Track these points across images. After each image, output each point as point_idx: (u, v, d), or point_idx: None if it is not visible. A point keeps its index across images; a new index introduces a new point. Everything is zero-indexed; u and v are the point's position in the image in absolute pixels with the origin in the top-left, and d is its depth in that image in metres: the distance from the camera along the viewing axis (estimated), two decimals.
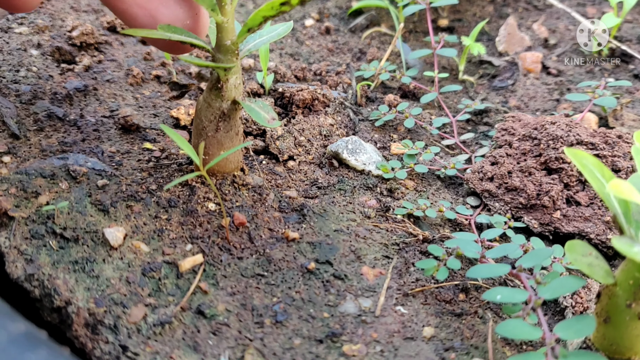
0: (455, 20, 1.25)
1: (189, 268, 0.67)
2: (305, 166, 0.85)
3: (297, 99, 0.94)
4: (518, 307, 0.61)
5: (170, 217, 0.72)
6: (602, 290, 0.61)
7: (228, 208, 0.74)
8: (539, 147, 0.83)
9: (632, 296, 0.58)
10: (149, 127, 0.88)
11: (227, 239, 0.71)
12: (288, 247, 0.71)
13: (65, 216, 0.70)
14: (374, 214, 0.79)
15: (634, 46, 1.21)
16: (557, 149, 0.82)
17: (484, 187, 0.83)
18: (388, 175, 0.84)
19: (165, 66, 1.02)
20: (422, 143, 0.90)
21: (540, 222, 0.80)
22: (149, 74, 0.99)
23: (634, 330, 0.59)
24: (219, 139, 0.72)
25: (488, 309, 0.68)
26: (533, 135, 0.85)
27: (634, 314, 0.58)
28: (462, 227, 0.80)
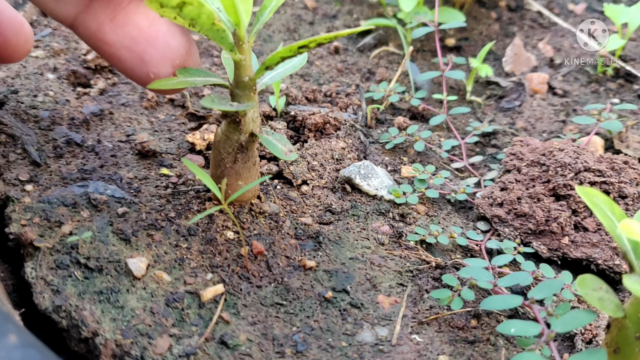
0: (462, 39, 1.27)
1: (211, 298, 0.69)
2: (318, 191, 0.87)
3: (309, 122, 0.96)
4: (531, 339, 0.63)
5: (191, 245, 0.74)
6: (611, 322, 0.63)
7: (246, 236, 0.76)
8: (547, 173, 0.85)
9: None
10: (165, 151, 0.90)
11: (246, 268, 0.73)
12: (305, 275, 0.73)
13: (88, 245, 0.72)
14: (387, 240, 0.81)
15: (639, 65, 1.23)
16: (565, 175, 0.84)
17: (493, 212, 0.85)
18: (400, 200, 0.86)
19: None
20: (432, 167, 0.92)
21: (549, 247, 0.82)
22: (163, 97, 1.01)
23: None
24: (237, 169, 0.74)
25: (500, 335, 0.70)
26: (541, 161, 0.87)
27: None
28: (473, 252, 0.82)
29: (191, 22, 0.61)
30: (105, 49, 0.66)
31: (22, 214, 0.74)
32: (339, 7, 1.34)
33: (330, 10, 1.33)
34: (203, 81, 0.68)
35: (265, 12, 0.68)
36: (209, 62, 1.14)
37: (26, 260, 0.70)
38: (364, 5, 1.34)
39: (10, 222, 0.74)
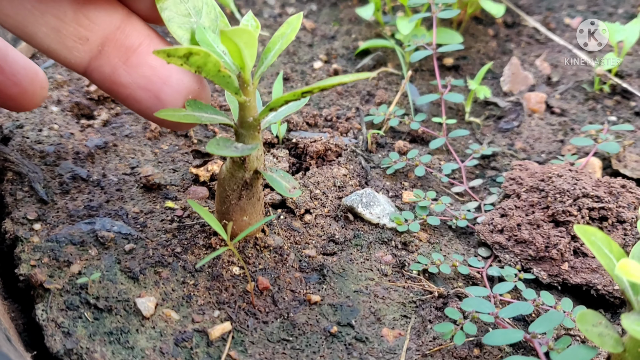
0: (460, 57, 1.28)
1: (219, 336, 0.70)
2: (321, 220, 0.88)
3: (311, 150, 0.97)
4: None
5: (197, 282, 0.76)
6: (611, 355, 0.65)
7: (252, 272, 0.77)
8: (546, 199, 0.87)
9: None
10: (169, 183, 0.91)
11: (252, 304, 0.74)
12: (311, 309, 0.75)
13: (97, 285, 0.73)
14: (390, 270, 0.82)
15: (635, 80, 1.24)
16: (564, 202, 0.85)
17: (494, 239, 0.86)
18: (402, 228, 0.88)
19: None
20: (433, 193, 0.93)
21: (549, 273, 0.84)
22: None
23: None
24: (242, 206, 0.76)
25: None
26: (540, 187, 0.88)
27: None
28: (475, 280, 0.83)
29: (197, 69, 0.63)
30: (121, 91, 0.67)
31: (31, 254, 0.76)
32: (337, 27, 1.35)
33: (329, 31, 1.34)
34: (209, 119, 0.69)
35: (269, 54, 0.69)
36: (210, 89, 1.15)
37: (37, 301, 0.72)
38: (362, 25, 1.35)
39: (19, 262, 0.75)
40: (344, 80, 0.62)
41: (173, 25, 0.67)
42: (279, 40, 0.70)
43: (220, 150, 0.66)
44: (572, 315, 0.75)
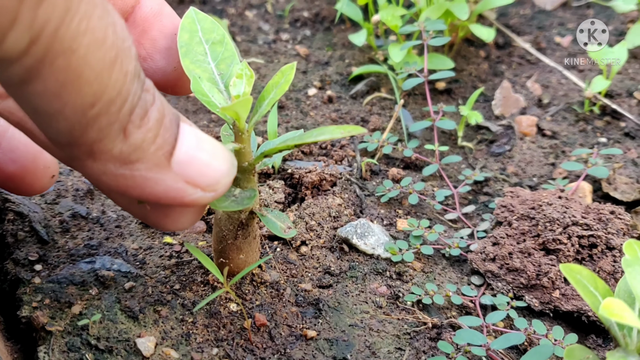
0: (453, 81, 1.30)
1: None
2: (317, 251, 0.90)
3: (306, 181, 0.99)
4: None
5: (196, 319, 0.77)
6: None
7: (249, 308, 0.79)
8: (537, 227, 0.88)
9: None
10: None
11: (250, 340, 0.76)
12: (307, 345, 0.76)
13: (98, 325, 0.75)
14: (385, 302, 0.84)
15: (625, 99, 1.26)
16: (554, 230, 0.87)
17: (486, 267, 0.88)
18: (396, 258, 0.89)
19: None
20: (426, 222, 0.95)
21: (541, 301, 0.85)
22: None
23: None
24: (238, 245, 0.77)
25: None
26: (531, 215, 0.90)
27: None
28: (468, 308, 0.85)
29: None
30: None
31: (33, 296, 0.78)
32: (330, 53, 1.37)
33: (323, 57, 1.36)
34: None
35: (263, 104, 0.71)
36: (207, 119, 1.17)
37: (39, 344, 0.73)
38: (355, 50, 1.37)
39: (21, 304, 0.77)
40: (335, 136, 0.64)
41: (186, 60, 0.69)
42: (273, 89, 0.72)
43: (221, 205, 0.67)
44: (562, 343, 0.77)
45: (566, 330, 0.84)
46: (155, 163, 0.50)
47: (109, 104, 0.44)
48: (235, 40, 1.38)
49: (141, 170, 0.50)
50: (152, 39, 0.67)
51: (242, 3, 1.51)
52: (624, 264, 0.64)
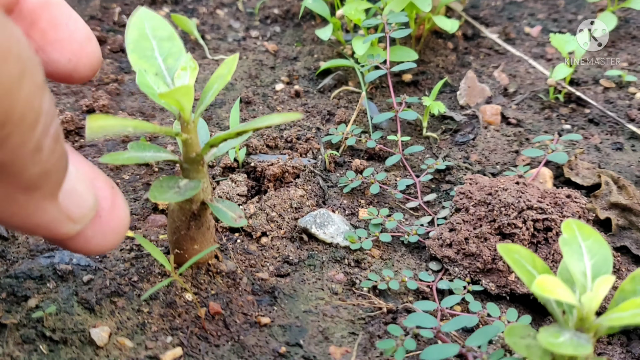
0: (419, 73, 1.31)
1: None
2: (277, 241, 0.91)
3: (268, 173, 1.00)
4: None
5: (152, 309, 0.78)
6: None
7: (204, 297, 0.80)
8: (493, 213, 0.89)
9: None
10: (130, 213, 0.94)
11: (204, 329, 0.77)
12: (261, 331, 0.77)
13: (53, 317, 0.76)
14: (341, 289, 0.85)
15: (591, 87, 1.27)
16: (509, 215, 0.88)
17: (443, 253, 0.89)
18: (355, 246, 0.90)
19: None
20: (386, 210, 0.96)
21: (497, 284, 0.86)
22: None
23: None
24: (192, 235, 0.78)
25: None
26: (487, 200, 0.91)
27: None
28: (425, 294, 0.86)
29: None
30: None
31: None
32: (300, 48, 1.39)
33: (292, 52, 1.37)
34: (153, 157, 0.72)
35: (208, 94, 0.72)
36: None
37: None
38: (324, 45, 1.38)
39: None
40: (274, 122, 0.65)
41: (134, 55, 0.70)
42: (217, 81, 0.73)
43: (163, 196, 0.68)
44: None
45: (522, 313, 0.85)
46: (51, 192, 0.47)
47: (21, 122, 0.39)
48: (205, 38, 1.39)
49: (36, 198, 0.45)
50: (41, 30, 0.62)
51: (214, 2, 1.52)
52: (561, 243, 0.65)
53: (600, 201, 0.99)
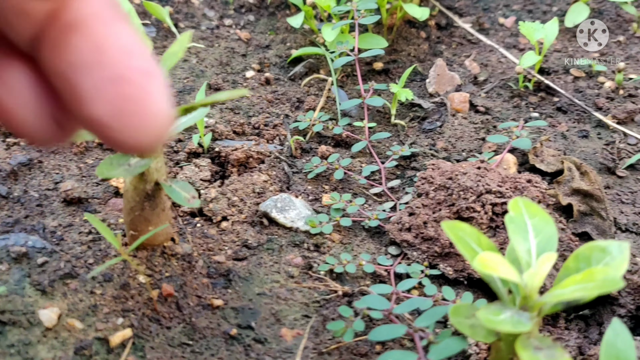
0: (391, 61, 1.31)
1: (119, 342, 0.72)
2: (238, 226, 0.91)
3: (232, 158, 1.00)
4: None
5: (105, 291, 0.78)
6: (491, 344, 0.67)
7: (158, 279, 0.80)
8: (452, 197, 0.89)
9: (513, 351, 0.64)
10: (91, 197, 0.94)
11: (155, 310, 0.76)
12: (213, 314, 0.77)
13: (4, 299, 0.75)
14: (297, 272, 0.84)
15: (561, 75, 1.27)
16: (467, 199, 0.88)
17: (402, 237, 0.89)
18: (315, 230, 0.90)
19: None
20: (348, 195, 0.96)
21: (455, 269, 0.86)
22: (93, 141, 1.05)
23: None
24: (146, 216, 0.78)
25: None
26: (447, 185, 0.91)
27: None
28: (383, 277, 0.86)
29: None
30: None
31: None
32: (273, 37, 1.38)
33: (264, 41, 1.37)
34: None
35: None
36: None
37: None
38: (297, 33, 1.38)
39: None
40: (220, 98, 0.65)
41: None
42: (169, 58, 0.73)
43: (111, 172, 0.68)
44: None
45: (479, 297, 0.85)
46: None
47: None
48: (178, 26, 1.38)
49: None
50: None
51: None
52: (507, 220, 0.65)
53: (563, 187, 0.99)
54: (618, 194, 1.02)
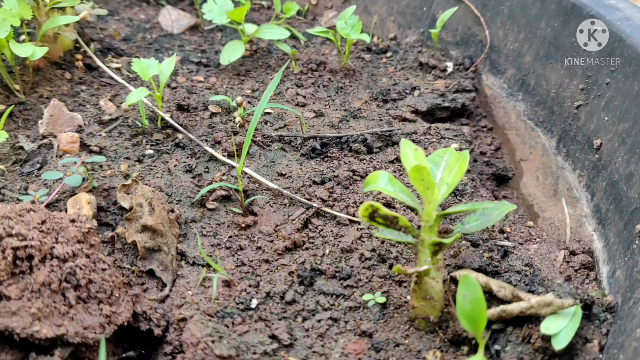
0: (19, 104, 1.23)
1: None
2: None
3: None
4: None
5: None
6: None
7: None
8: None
9: None
10: None
11: None
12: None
13: None
14: None
15: (200, 112, 1.26)
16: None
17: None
18: None
19: None
20: None
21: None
22: None
23: None
24: None
25: None
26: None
27: None
28: None
29: None
30: None
31: None
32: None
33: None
34: None
35: None
36: None
37: None
38: None
39: None
40: None
41: None
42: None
43: None
44: None
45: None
46: None
47: None
48: None
49: None
50: None
51: None
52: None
53: (135, 224, 0.95)
54: (203, 226, 1.00)
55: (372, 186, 0.81)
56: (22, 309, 0.79)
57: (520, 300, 0.83)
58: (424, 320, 0.85)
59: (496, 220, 0.79)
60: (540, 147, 1.21)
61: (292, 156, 1.17)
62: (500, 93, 1.35)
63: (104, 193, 1.01)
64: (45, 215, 0.88)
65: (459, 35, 1.48)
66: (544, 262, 0.96)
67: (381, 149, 1.21)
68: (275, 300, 0.88)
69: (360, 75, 1.46)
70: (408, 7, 1.60)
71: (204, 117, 1.25)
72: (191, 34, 1.65)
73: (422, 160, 0.81)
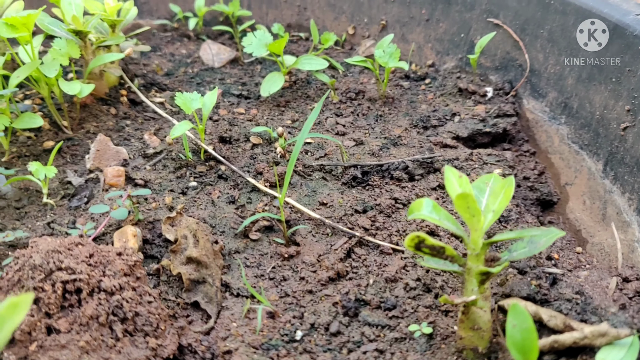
0: (67, 139, 1.27)
1: None
2: None
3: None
4: None
5: None
6: None
7: None
8: (23, 275, 0.84)
9: None
10: None
11: None
12: None
13: None
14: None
15: (242, 143, 1.28)
16: (35, 278, 0.83)
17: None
18: None
19: None
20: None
21: (18, 356, 0.79)
22: None
23: None
24: None
25: None
26: (19, 264, 0.85)
27: None
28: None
29: None
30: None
31: None
32: None
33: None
34: None
35: None
36: None
37: None
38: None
39: None
40: None
41: None
42: None
43: None
44: None
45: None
46: None
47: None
48: None
49: None
50: None
51: None
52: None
53: (180, 256, 0.96)
54: (247, 257, 1.00)
55: (417, 214, 0.80)
56: (71, 342, 0.80)
57: (572, 330, 0.81)
58: (472, 351, 0.83)
59: (544, 248, 0.77)
60: (586, 171, 1.18)
61: (334, 185, 1.17)
62: (542, 117, 1.33)
63: (149, 226, 1.03)
64: (93, 248, 0.90)
65: (497, 60, 1.47)
66: (596, 289, 0.93)
67: (423, 176, 1.20)
68: (319, 332, 0.87)
69: (399, 102, 1.46)
70: (445, 33, 1.60)
71: (246, 148, 1.27)
72: (231, 67, 1.68)
73: (467, 187, 0.80)
